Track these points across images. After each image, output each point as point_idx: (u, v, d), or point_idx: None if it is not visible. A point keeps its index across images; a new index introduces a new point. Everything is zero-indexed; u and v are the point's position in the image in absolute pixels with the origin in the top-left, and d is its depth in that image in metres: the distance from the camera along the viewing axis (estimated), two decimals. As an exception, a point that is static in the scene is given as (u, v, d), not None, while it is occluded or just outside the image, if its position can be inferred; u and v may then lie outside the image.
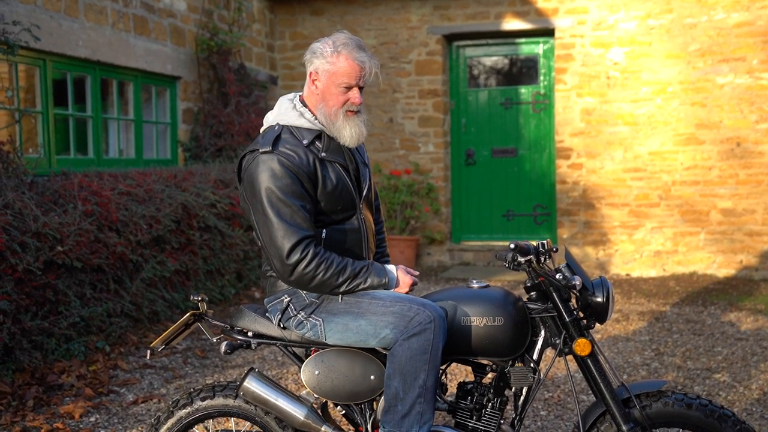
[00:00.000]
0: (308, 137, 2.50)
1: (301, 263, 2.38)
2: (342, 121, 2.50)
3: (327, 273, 2.40)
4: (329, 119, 2.51)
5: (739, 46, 7.79)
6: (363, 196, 2.62)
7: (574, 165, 8.36)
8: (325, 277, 2.40)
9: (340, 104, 2.49)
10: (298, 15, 9.17)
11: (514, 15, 8.48)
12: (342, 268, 2.42)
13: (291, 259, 2.38)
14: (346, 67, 2.46)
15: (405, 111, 8.92)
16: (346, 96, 2.49)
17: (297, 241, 2.38)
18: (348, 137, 2.52)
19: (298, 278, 2.40)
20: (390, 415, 2.38)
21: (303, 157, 2.45)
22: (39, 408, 4.08)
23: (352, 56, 2.47)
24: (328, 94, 2.50)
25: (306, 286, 2.42)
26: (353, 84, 2.49)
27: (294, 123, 2.53)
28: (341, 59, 2.47)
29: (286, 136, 2.49)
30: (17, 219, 4.48)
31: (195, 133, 7.64)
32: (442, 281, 7.74)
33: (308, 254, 2.38)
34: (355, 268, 2.45)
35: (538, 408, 4.03)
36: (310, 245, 2.40)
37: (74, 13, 6.01)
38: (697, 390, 4.27)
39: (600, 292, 2.45)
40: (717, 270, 7.94)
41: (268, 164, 2.41)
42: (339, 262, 2.43)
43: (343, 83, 2.48)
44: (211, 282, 6.27)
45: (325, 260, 2.40)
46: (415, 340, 2.34)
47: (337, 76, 2.47)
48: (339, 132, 2.51)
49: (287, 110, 2.56)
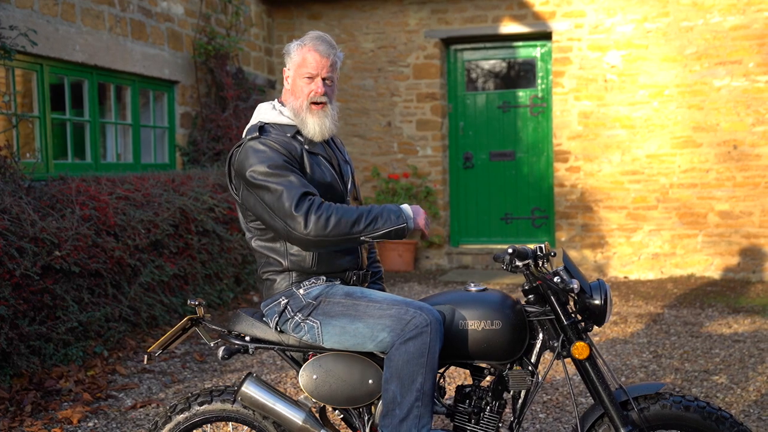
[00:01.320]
0: (290, 131, 2.59)
1: (311, 211, 2.36)
2: (305, 113, 2.58)
3: (340, 212, 2.38)
4: (296, 112, 2.59)
5: (736, 49, 7.80)
6: (348, 190, 2.67)
7: (572, 168, 8.37)
8: (340, 215, 2.37)
9: (306, 96, 2.57)
10: (296, 19, 9.18)
11: (512, 18, 8.49)
12: (351, 207, 2.41)
13: (300, 211, 2.36)
14: (308, 57, 2.56)
15: (403, 114, 8.93)
16: (309, 87, 2.57)
17: (301, 195, 2.38)
18: (312, 130, 2.58)
19: (315, 225, 2.35)
20: (388, 420, 2.38)
21: (290, 143, 2.53)
22: (37, 413, 4.08)
23: (314, 46, 2.57)
24: (295, 88, 2.60)
25: (325, 231, 2.35)
26: (314, 74, 2.57)
27: (274, 120, 2.62)
28: (304, 50, 2.58)
29: (270, 129, 2.58)
30: (15, 224, 4.48)
31: (193, 137, 7.65)
32: (441, 284, 7.74)
33: (314, 202, 2.38)
34: (366, 207, 2.43)
35: (537, 411, 4.03)
36: (314, 197, 2.40)
37: (71, 18, 6.01)
38: (695, 392, 4.28)
39: (598, 295, 2.45)
40: (714, 272, 7.95)
41: (255, 147, 2.48)
42: (345, 206, 2.42)
43: (306, 74, 2.56)
44: (209, 286, 6.26)
45: (331, 204, 2.40)
46: (412, 343, 2.35)
47: (300, 67, 2.58)
48: (303, 124, 2.58)
49: (267, 111, 2.66)
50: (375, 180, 8.91)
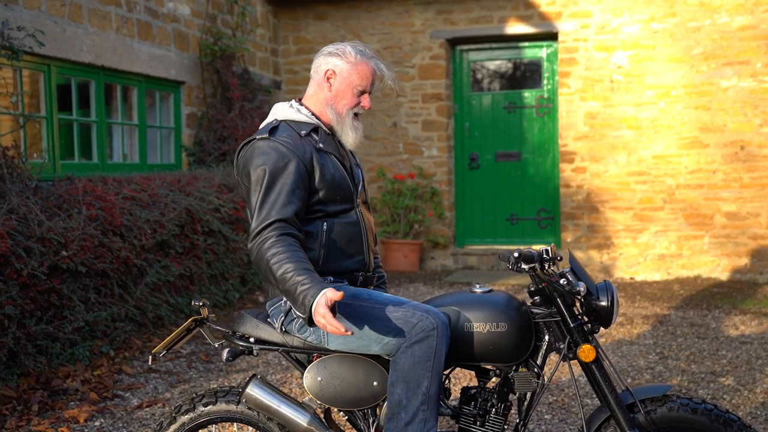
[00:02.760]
0: (305, 129, 2.59)
1: (263, 243, 2.35)
2: (350, 122, 2.61)
3: (275, 261, 2.31)
4: (339, 117, 2.60)
5: (743, 49, 7.78)
6: (358, 192, 2.67)
7: (578, 169, 8.35)
8: (271, 264, 2.31)
9: (352, 105, 2.60)
10: (302, 20, 9.18)
11: (518, 19, 8.48)
12: (287, 265, 2.30)
13: (258, 237, 2.37)
14: (365, 71, 2.58)
15: (409, 115, 8.93)
16: (358, 99, 2.60)
17: (266, 224, 2.37)
18: (351, 139, 2.63)
19: (256, 256, 2.37)
20: (393, 423, 2.37)
21: (300, 144, 2.52)
22: (44, 412, 4.09)
23: (372, 63, 2.60)
24: (341, 94, 2.59)
25: (259, 266, 2.38)
26: (367, 89, 2.60)
27: (291, 117, 2.62)
28: (362, 63, 2.59)
29: (284, 128, 2.57)
30: (22, 224, 4.49)
31: (199, 137, 7.66)
32: (446, 285, 7.73)
33: (271, 236, 2.36)
34: (299, 275, 2.27)
35: (543, 412, 4.02)
36: (276, 227, 2.38)
37: (78, 19, 6.03)
38: (702, 394, 4.26)
39: (604, 297, 2.44)
40: (721, 273, 7.93)
41: (263, 149, 2.48)
42: (292, 258, 2.31)
43: (360, 86, 2.58)
44: (215, 286, 6.27)
45: (282, 249, 2.33)
46: (418, 347, 2.34)
47: (356, 78, 2.58)
48: (345, 132, 2.61)
49: (284, 108, 2.66)
50: (380, 180, 8.91)
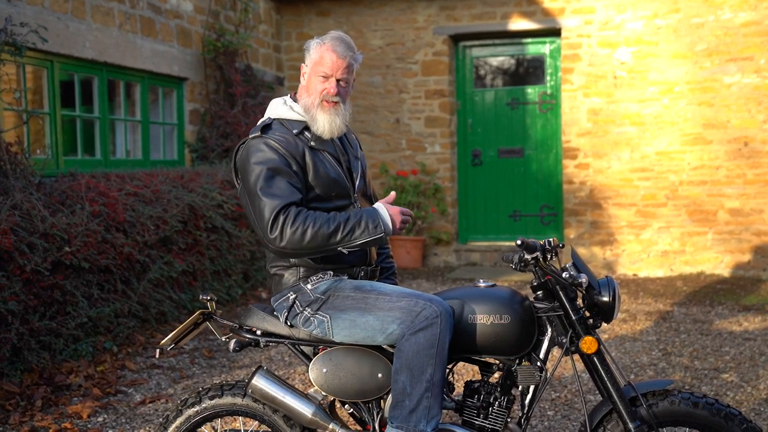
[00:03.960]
0: (297, 127, 2.61)
1: (286, 224, 2.38)
2: (317, 109, 2.60)
3: (315, 225, 2.37)
4: (307, 108, 2.61)
5: (747, 45, 7.76)
6: (356, 187, 2.67)
7: (581, 165, 8.35)
8: (314, 228, 2.37)
9: (319, 93, 2.60)
10: (305, 16, 9.18)
11: (521, 15, 8.47)
12: (329, 217, 2.41)
13: (276, 224, 2.38)
14: (325, 56, 2.59)
15: (411, 111, 8.92)
16: (323, 86, 2.59)
17: (280, 207, 2.40)
18: (321, 127, 2.59)
19: (290, 239, 2.38)
20: (398, 411, 2.38)
21: (292, 142, 2.55)
22: (47, 408, 4.10)
23: (332, 46, 2.59)
24: (310, 84, 2.62)
25: (301, 244, 2.39)
26: (330, 74, 2.59)
27: (284, 116, 2.64)
28: (323, 49, 2.60)
29: (276, 126, 2.60)
30: (25, 220, 4.50)
31: (202, 133, 7.67)
32: (449, 281, 7.74)
33: (290, 214, 2.39)
34: (343, 215, 2.43)
35: (545, 408, 4.02)
36: (290, 207, 2.41)
37: (81, 15, 6.03)
38: (705, 390, 4.26)
39: (606, 292, 2.46)
40: (724, 270, 7.92)
41: (256, 147, 2.51)
42: (323, 214, 2.42)
43: (321, 72, 2.59)
44: (218, 282, 6.28)
45: (309, 215, 2.39)
46: (421, 334, 2.35)
47: (317, 65, 2.60)
48: (313, 121, 2.60)
49: (278, 106, 2.68)
50: (383, 177, 8.91)
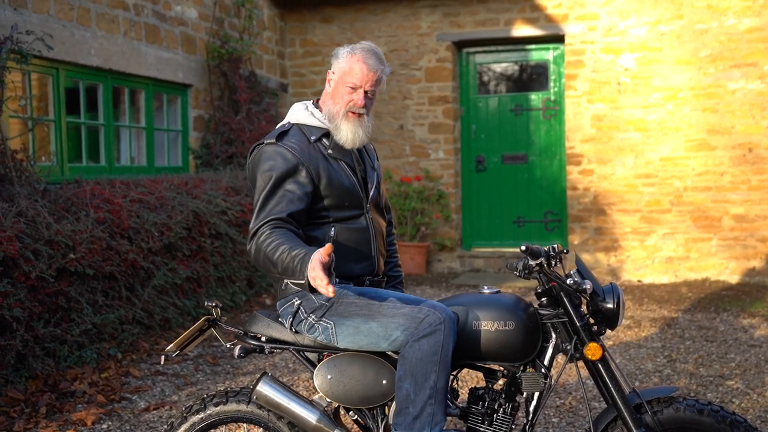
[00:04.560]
0: (316, 134, 2.60)
1: (257, 238, 2.40)
2: (341, 119, 2.58)
3: (269, 249, 2.34)
4: (331, 116, 2.60)
5: (751, 51, 7.76)
6: (370, 197, 2.66)
7: (585, 171, 8.34)
8: (265, 251, 2.35)
9: (345, 104, 2.58)
10: (309, 22, 9.20)
11: (524, 21, 8.48)
12: (283, 249, 2.31)
13: (254, 238, 2.41)
14: (355, 67, 2.56)
15: (415, 118, 8.93)
16: (350, 97, 2.58)
17: (264, 222, 2.41)
18: (344, 137, 2.59)
19: (253, 255, 2.42)
20: (401, 417, 2.38)
21: (307, 150, 2.54)
22: (52, 415, 4.10)
23: (363, 58, 2.57)
24: (336, 93, 2.60)
25: (256, 262, 2.42)
26: (358, 85, 2.57)
27: (304, 121, 2.63)
28: (353, 59, 2.57)
29: (294, 132, 2.60)
30: (30, 227, 4.51)
31: (206, 140, 7.68)
32: (453, 288, 7.73)
33: (265, 230, 2.40)
34: (297, 252, 2.27)
35: (550, 415, 4.01)
36: (269, 224, 2.41)
37: (86, 23, 6.06)
38: (710, 397, 4.25)
39: (610, 298, 2.45)
40: (729, 276, 7.90)
41: (269, 153, 2.51)
42: (288, 242, 2.33)
43: (350, 83, 2.57)
44: (222, 289, 6.28)
45: (275, 238, 2.36)
46: (425, 341, 2.35)
47: (346, 75, 2.57)
48: (337, 130, 2.60)
49: (299, 111, 2.67)
50: (387, 183, 8.92)
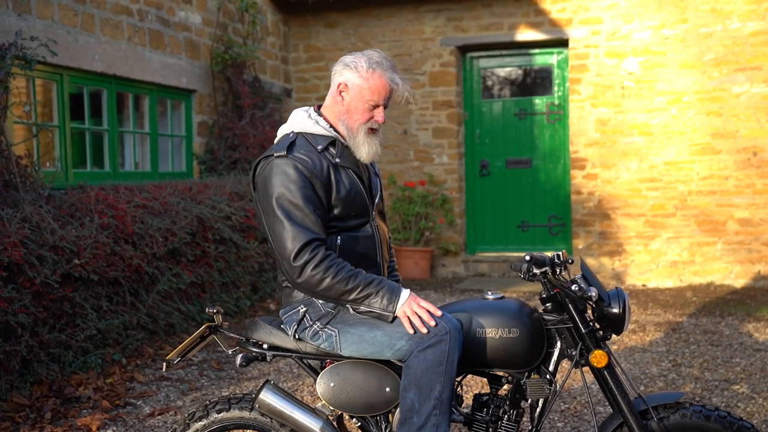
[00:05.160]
0: (322, 143, 2.55)
1: (309, 264, 2.36)
2: (362, 137, 2.55)
3: (336, 276, 2.36)
4: (351, 132, 2.55)
5: (755, 55, 7.74)
6: (375, 204, 2.66)
7: (589, 175, 8.33)
8: (334, 280, 2.36)
9: (364, 121, 2.54)
10: (312, 28, 9.21)
11: (528, 26, 8.48)
12: (353, 274, 2.39)
13: (299, 260, 2.37)
14: (378, 85, 2.51)
15: (419, 122, 8.93)
16: (371, 113, 2.54)
17: (306, 242, 2.38)
18: (365, 154, 2.56)
19: (307, 279, 2.37)
20: (406, 428, 2.37)
21: (317, 162, 2.49)
22: (57, 420, 4.10)
23: (386, 76, 2.52)
24: (354, 108, 2.54)
25: (315, 288, 2.39)
26: (381, 103, 2.53)
27: (309, 130, 2.58)
28: (375, 77, 2.51)
29: (301, 142, 2.53)
30: (35, 232, 4.52)
31: (210, 145, 7.69)
32: (457, 292, 7.72)
33: (317, 255, 2.37)
34: (368, 278, 2.40)
35: (555, 420, 4.00)
36: (319, 248, 2.39)
37: (90, 28, 6.08)
38: (716, 401, 4.23)
39: (616, 303, 2.44)
40: (734, 280, 7.87)
41: (281, 168, 2.45)
42: (350, 269, 2.40)
43: (372, 101, 2.52)
44: (226, 294, 6.28)
45: (335, 264, 2.38)
46: (430, 351, 2.34)
47: (368, 92, 2.52)
48: (357, 147, 2.56)
49: (302, 119, 2.61)
50: (391, 188, 8.92)
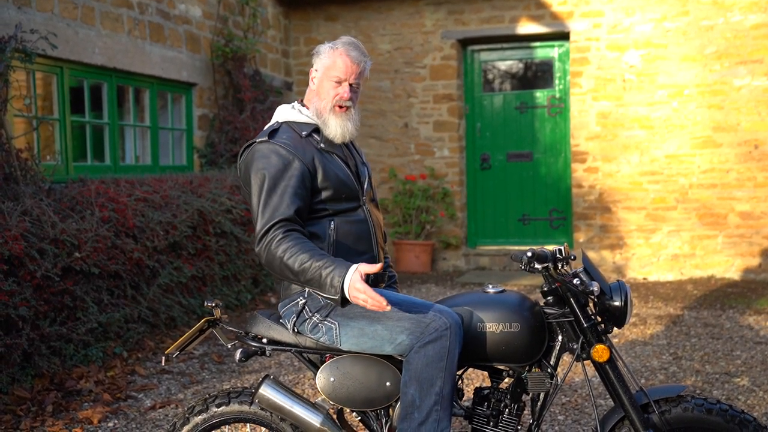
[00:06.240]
0: (306, 129, 2.61)
1: (271, 243, 2.38)
2: (329, 114, 2.60)
3: (290, 254, 2.34)
4: (319, 113, 2.62)
5: (757, 48, 7.72)
6: (364, 190, 2.68)
7: (590, 169, 8.32)
8: (287, 258, 2.34)
9: (331, 98, 2.60)
10: (313, 21, 9.19)
11: (529, 19, 8.46)
12: (305, 257, 2.32)
13: (264, 240, 2.40)
14: (339, 61, 2.59)
15: (420, 116, 8.92)
16: (336, 91, 2.59)
17: (273, 223, 2.40)
18: (333, 131, 2.61)
19: (267, 259, 2.40)
20: (407, 423, 2.37)
21: (300, 146, 2.55)
22: (58, 413, 4.11)
23: (346, 51, 2.60)
24: (321, 89, 2.62)
25: (272, 269, 2.41)
26: (343, 79, 2.59)
27: (293, 119, 2.65)
28: (336, 53, 2.60)
29: (284, 129, 2.60)
30: (35, 226, 4.52)
31: (210, 139, 7.68)
32: (458, 286, 7.72)
33: (278, 234, 2.39)
34: (322, 261, 2.31)
35: (556, 413, 4.00)
36: (282, 228, 2.40)
37: (91, 21, 6.06)
38: (717, 394, 4.23)
39: (618, 297, 2.43)
40: (735, 273, 7.87)
41: (262, 152, 2.51)
42: (307, 250, 2.34)
43: (335, 77, 2.59)
44: (227, 287, 6.29)
45: (293, 243, 2.36)
46: (431, 347, 2.33)
47: (330, 69, 2.60)
48: (325, 125, 2.61)
49: (286, 110, 2.69)
50: (392, 181, 8.91)
